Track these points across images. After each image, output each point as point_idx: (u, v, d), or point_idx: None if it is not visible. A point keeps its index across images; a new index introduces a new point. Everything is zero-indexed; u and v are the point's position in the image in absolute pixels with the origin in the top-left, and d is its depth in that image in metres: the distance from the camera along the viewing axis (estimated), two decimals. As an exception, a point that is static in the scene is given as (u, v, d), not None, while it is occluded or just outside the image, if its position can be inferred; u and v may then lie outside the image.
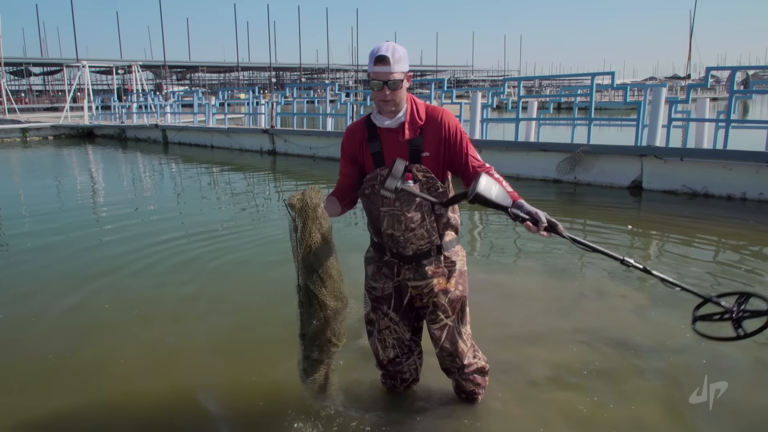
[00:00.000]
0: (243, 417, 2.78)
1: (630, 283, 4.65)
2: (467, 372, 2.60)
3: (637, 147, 9.23)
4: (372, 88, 2.23)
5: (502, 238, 6.50)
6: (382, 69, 2.17)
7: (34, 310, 4.22)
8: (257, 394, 2.94)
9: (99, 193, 10.52)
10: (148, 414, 2.83)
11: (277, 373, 3.09)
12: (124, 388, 3.08)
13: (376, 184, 2.35)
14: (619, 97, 33.39)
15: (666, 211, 7.82)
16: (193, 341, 3.66)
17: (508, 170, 10.65)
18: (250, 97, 18.49)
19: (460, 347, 2.52)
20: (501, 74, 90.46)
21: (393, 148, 2.32)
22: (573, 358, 3.30)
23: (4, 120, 28.68)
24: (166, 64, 62.42)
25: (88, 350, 3.56)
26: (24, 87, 65.05)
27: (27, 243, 6.36)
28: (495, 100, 12.21)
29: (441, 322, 2.48)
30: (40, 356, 3.45)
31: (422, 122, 2.31)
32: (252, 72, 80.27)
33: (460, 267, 2.51)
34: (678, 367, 3.19)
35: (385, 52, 2.16)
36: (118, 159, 16.72)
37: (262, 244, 6.11)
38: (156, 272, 5.15)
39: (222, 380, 3.13)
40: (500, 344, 3.44)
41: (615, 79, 10.41)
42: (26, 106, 46.89)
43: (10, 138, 23.35)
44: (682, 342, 3.47)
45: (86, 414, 2.85)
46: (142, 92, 29.25)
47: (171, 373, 3.25)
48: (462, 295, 2.49)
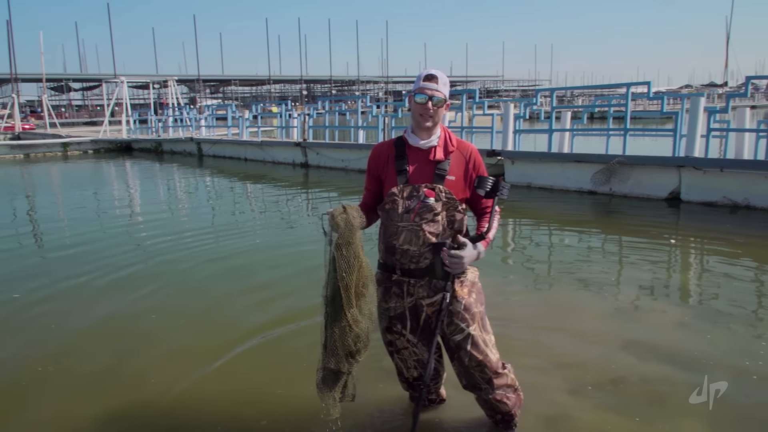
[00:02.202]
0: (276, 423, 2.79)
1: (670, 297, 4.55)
2: (497, 385, 2.48)
3: (675, 158, 9.05)
4: (417, 101, 2.37)
5: (538, 251, 6.43)
6: (430, 85, 2.35)
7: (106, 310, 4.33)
8: (295, 405, 2.96)
9: (176, 203, 10.77)
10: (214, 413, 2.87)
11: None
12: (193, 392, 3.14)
13: (397, 200, 2.42)
14: (654, 107, 32.92)
15: (706, 223, 7.63)
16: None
17: (542, 182, 10.56)
18: (282, 110, 18.74)
19: (488, 355, 2.45)
20: (532, 84, 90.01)
21: (419, 168, 2.43)
22: (615, 375, 3.24)
23: (45, 135, 29.63)
24: (200, 78, 63.83)
25: (135, 355, 3.64)
26: (64, 102, 67.28)
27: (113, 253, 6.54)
28: (527, 110, 12.13)
29: (463, 332, 2.43)
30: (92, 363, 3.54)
31: (453, 149, 2.46)
32: (283, 85, 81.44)
33: (471, 278, 2.52)
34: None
35: (435, 72, 2.38)
36: (171, 171, 17.09)
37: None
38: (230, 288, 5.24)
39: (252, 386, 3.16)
40: (537, 360, 3.40)
41: (651, 89, 10.23)
42: (66, 120, 48.43)
43: (52, 152, 24.09)
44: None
45: (132, 417, 2.91)
46: (177, 106, 29.95)
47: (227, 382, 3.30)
48: (477, 302, 2.47)
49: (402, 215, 2.40)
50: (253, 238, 7.33)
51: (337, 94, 77.29)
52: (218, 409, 3.02)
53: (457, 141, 2.49)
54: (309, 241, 6.81)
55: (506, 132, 11.28)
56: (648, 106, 35.49)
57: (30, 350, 3.87)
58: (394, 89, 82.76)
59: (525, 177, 10.82)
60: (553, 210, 8.97)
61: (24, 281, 5.46)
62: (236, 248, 6.68)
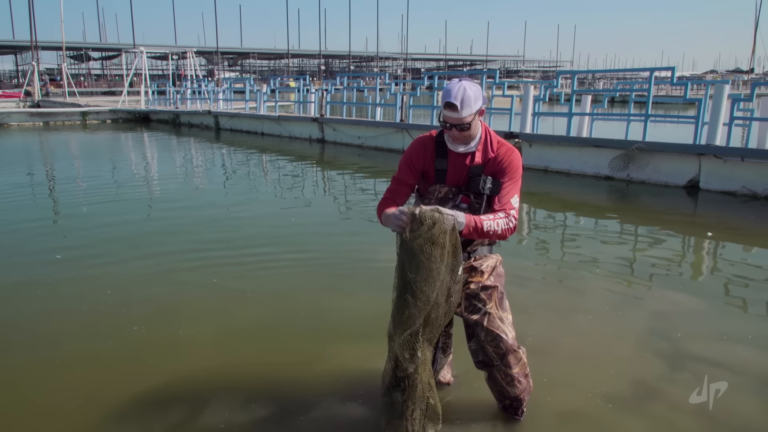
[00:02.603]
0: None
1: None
2: (511, 363, 2.48)
3: (696, 145, 8.93)
4: (442, 126, 2.39)
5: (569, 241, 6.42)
6: (451, 114, 2.30)
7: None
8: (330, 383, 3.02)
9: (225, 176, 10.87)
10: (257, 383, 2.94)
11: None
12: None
13: (432, 199, 2.49)
14: (676, 92, 32.37)
15: (725, 212, 7.56)
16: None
17: (559, 166, 10.49)
18: (300, 85, 18.69)
19: (504, 332, 2.46)
20: (553, 65, 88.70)
21: (456, 170, 2.46)
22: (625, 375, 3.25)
23: (65, 103, 29.83)
24: (218, 51, 63.63)
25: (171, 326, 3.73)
26: (83, 71, 67.47)
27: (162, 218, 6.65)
28: (548, 93, 11.99)
29: (480, 311, 2.46)
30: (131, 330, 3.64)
31: (492, 155, 2.45)
32: (301, 59, 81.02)
33: (492, 263, 2.55)
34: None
35: (454, 100, 2.26)
36: (212, 150, 17.17)
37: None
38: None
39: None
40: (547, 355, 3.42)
41: (675, 74, 10.05)
42: (85, 89, 48.64)
43: (71, 121, 24.29)
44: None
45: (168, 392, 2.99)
46: (195, 78, 29.94)
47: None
48: (495, 284, 2.49)
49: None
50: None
51: (355, 70, 76.81)
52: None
53: (499, 145, 2.47)
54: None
55: (525, 114, 11.17)
56: (671, 91, 34.91)
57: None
58: (413, 66, 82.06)
59: (542, 160, 10.75)
60: (569, 194, 8.93)
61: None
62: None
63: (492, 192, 2.39)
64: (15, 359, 3.34)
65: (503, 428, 2.63)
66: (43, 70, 44.31)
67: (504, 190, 2.40)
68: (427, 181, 2.54)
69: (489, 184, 2.38)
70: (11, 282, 4.66)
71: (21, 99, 32.12)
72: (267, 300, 4.29)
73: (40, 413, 2.80)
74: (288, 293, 4.41)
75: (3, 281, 4.70)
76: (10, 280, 4.71)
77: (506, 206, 2.37)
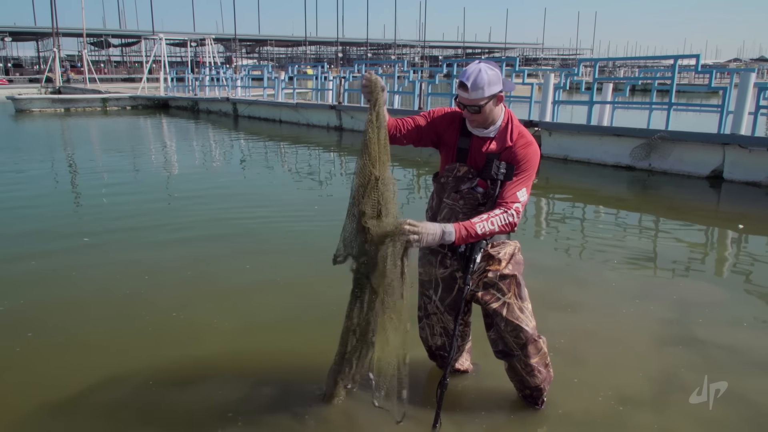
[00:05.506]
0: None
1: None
2: (531, 353, 2.47)
3: (720, 135, 8.78)
4: (457, 105, 2.40)
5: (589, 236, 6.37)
6: (462, 94, 2.31)
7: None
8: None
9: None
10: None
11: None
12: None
13: (450, 177, 2.48)
14: (699, 80, 31.80)
15: (750, 203, 7.44)
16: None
17: (579, 155, 10.37)
18: (318, 73, 18.65)
19: (524, 321, 2.45)
20: (572, 53, 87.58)
21: (476, 153, 2.45)
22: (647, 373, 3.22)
23: (85, 90, 30.13)
24: (236, 38, 63.72)
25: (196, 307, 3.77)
26: (103, 58, 67.99)
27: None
28: (568, 81, 11.84)
29: (499, 301, 2.44)
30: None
31: (510, 144, 2.40)
32: (319, 47, 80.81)
33: (510, 251, 2.50)
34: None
35: (467, 80, 2.26)
36: (228, 136, 17.25)
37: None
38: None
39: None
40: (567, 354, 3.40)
41: (699, 62, 9.86)
42: (105, 76, 49.08)
43: (91, 107, 24.53)
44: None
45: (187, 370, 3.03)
46: (214, 65, 30.05)
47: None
48: (513, 272, 2.46)
49: (450, 193, 2.48)
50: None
51: (373, 57, 76.46)
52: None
53: (518, 137, 2.41)
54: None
55: (545, 102, 11.05)
56: (694, 79, 34.32)
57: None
58: (430, 54, 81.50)
59: (562, 149, 10.63)
60: (589, 184, 8.84)
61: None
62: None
63: (506, 177, 2.35)
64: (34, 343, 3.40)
65: (523, 417, 2.62)
66: (64, 57, 44.79)
67: (511, 182, 2.35)
68: (446, 157, 2.53)
69: (503, 169, 2.34)
70: (48, 267, 4.73)
71: (42, 85, 32.46)
72: (298, 288, 4.27)
73: (52, 393, 2.84)
74: (316, 282, 4.36)
75: (39, 265, 4.77)
76: (47, 264, 4.79)
77: (509, 199, 2.32)
